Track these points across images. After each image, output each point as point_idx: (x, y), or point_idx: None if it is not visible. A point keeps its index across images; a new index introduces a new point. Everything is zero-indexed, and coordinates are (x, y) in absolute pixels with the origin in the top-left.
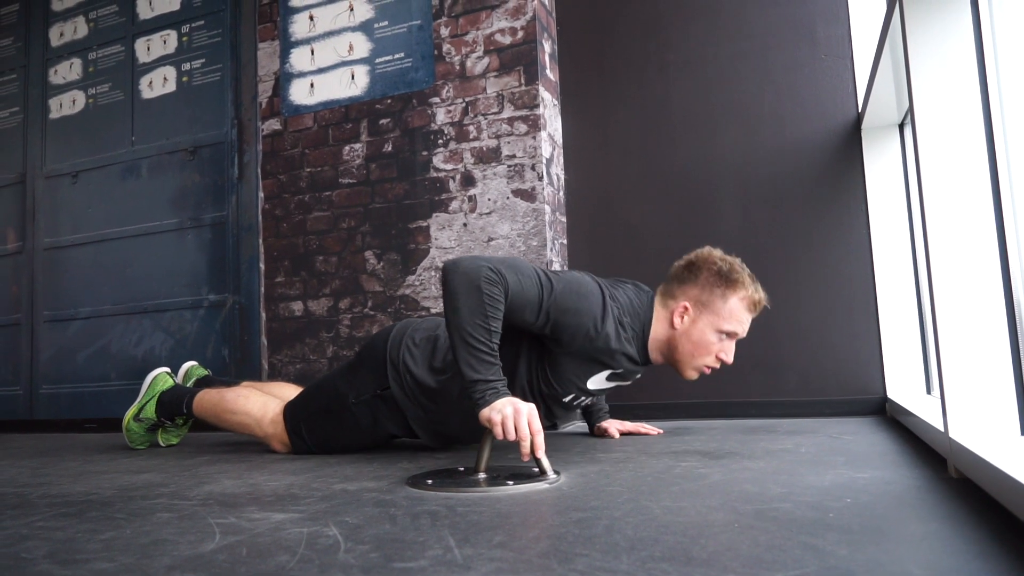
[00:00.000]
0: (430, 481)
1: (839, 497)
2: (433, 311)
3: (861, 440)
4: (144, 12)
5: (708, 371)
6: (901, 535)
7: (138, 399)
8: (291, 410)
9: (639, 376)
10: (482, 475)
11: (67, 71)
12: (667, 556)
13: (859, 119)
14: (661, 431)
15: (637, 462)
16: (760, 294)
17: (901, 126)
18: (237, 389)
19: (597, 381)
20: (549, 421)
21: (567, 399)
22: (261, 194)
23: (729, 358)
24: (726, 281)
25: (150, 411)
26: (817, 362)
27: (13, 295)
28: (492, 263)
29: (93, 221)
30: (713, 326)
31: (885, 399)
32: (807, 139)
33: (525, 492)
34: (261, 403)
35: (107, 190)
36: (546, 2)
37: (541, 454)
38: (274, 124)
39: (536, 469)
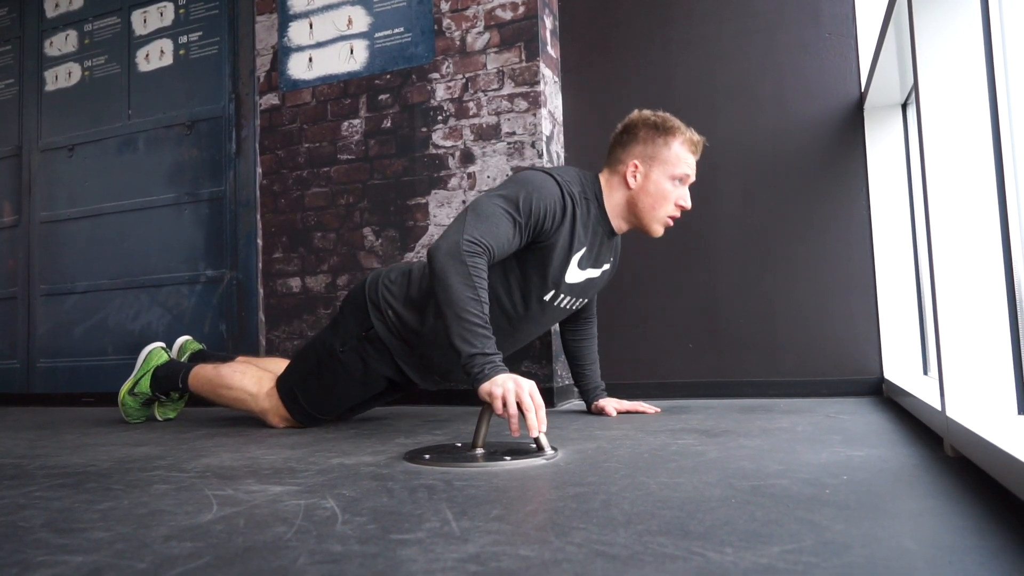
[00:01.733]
0: (427, 456)
1: (835, 474)
2: None
3: (858, 420)
4: None
5: (671, 222)
6: (897, 511)
7: (133, 373)
8: (283, 380)
9: (611, 266)
10: (480, 451)
11: (63, 43)
12: (664, 530)
13: (862, 99)
14: (659, 410)
15: (634, 440)
16: (696, 135)
17: (904, 106)
18: (233, 364)
19: (574, 273)
20: (540, 330)
21: (547, 297)
22: (259, 169)
23: (687, 203)
24: (663, 130)
25: (145, 386)
26: (815, 342)
27: (10, 268)
28: (466, 231)
29: (90, 195)
30: (665, 174)
31: (882, 379)
32: (809, 119)
33: (523, 467)
34: (257, 378)
35: (104, 164)
36: None
37: (543, 430)
38: (272, 99)
39: (534, 445)
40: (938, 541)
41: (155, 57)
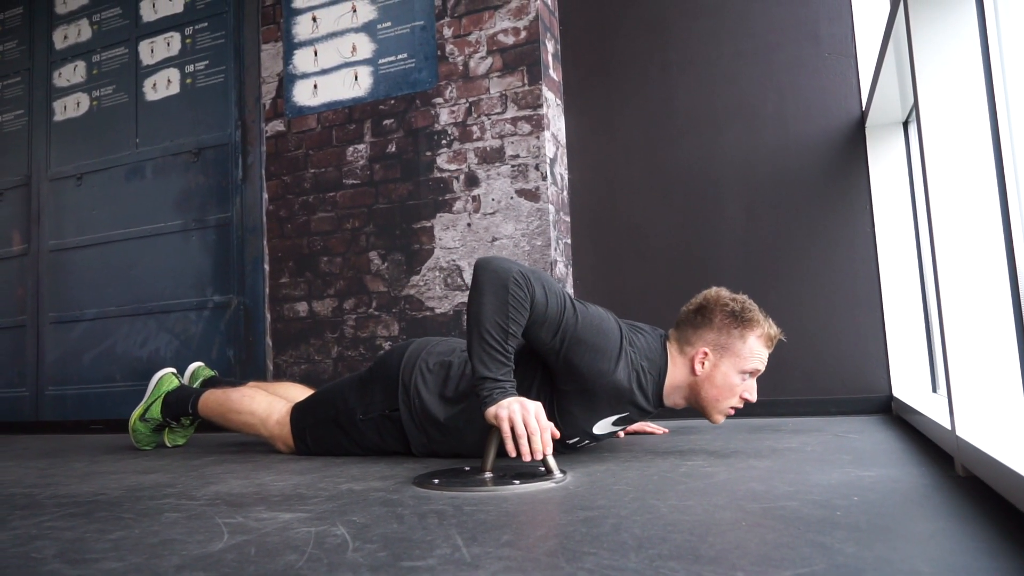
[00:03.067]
0: (436, 481)
1: (846, 495)
2: (438, 311)
3: (867, 439)
4: (148, 14)
5: (733, 412)
6: (909, 533)
7: (144, 399)
8: (298, 415)
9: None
10: (488, 474)
11: (71, 74)
12: (675, 554)
13: (863, 117)
14: (666, 430)
15: (643, 461)
16: (774, 328)
17: (905, 124)
18: (242, 389)
19: (603, 426)
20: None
21: (571, 441)
22: (265, 195)
23: (753, 396)
24: (741, 321)
25: (156, 412)
26: (822, 361)
27: (19, 297)
28: (524, 270)
29: (98, 223)
30: (735, 368)
31: (891, 397)
32: (811, 137)
33: (532, 491)
34: (266, 403)
35: (112, 192)
36: (548, 2)
37: (549, 451)
38: (278, 125)
39: (542, 468)
40: (951, 564)
41: (162, 86)
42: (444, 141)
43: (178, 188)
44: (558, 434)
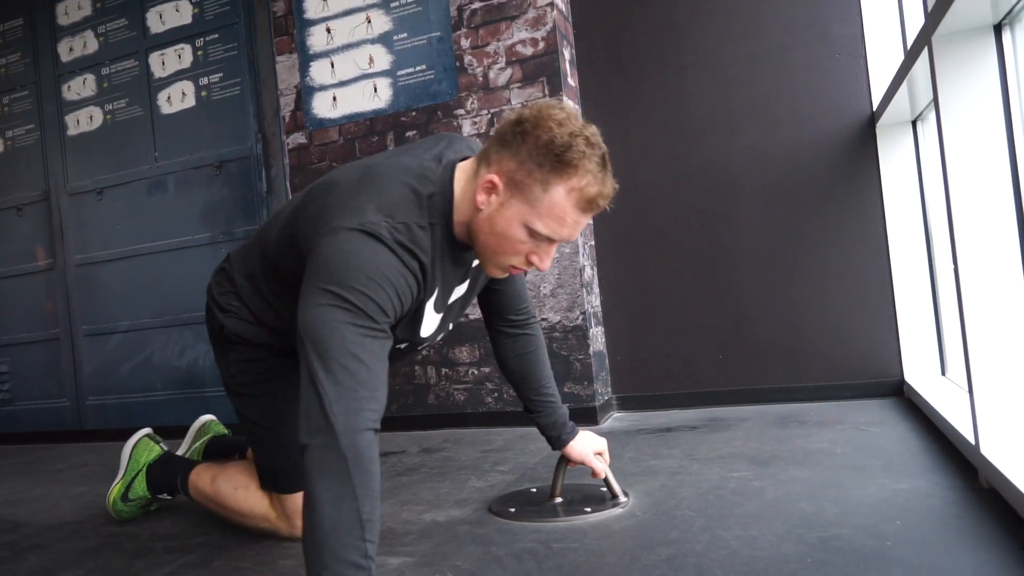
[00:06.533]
0: (513, 510)
1: (889, 518)
2: (472, 316)
3: (888, 434)
4: (155, 26)
5: (516, 272)
6: (957, 567)
7: (120, 474)
8: (260, 477)
9: (471, 281)
10: (559, 499)
11: (81, 87)
12: None
13: (873, 116)
14: (601, 473)
15: (691, 473)
16: (600, 187)
17: (914, 123)
18: (233, 474)
19: (429, 323)
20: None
21: (401, 346)
22: None
23: (543, 264)
24: (555, 161)
25: (140, 488)
26: (838, 348)
27: (49, 311)
28: (328, 405)
29: (123, 237)
30: (521, 218)
31: (902, 381)
32: (824, 136)
33: (605, 520)
34: (263, 494)
35: (134, 206)
36: (564, 9)
37: (610, 476)
38: (299, 138)
39: (603, 488)
40: None
41: (177, 99)
42: None
43: (202, 201)
44: None
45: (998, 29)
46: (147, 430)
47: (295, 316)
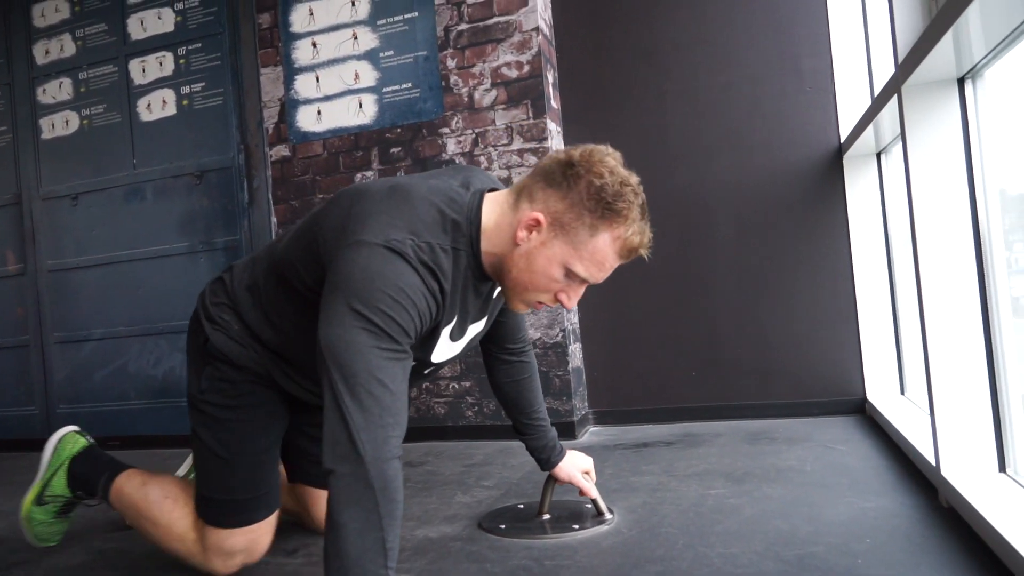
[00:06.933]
0: (503, 526)
1: (859, 536)
2: None
3: (852, 452)
4: (136, 32)
5: (539, 308)
6: None
7: (39, 476)
8: (196, 503)
9: (489, 317)
10: (546, 516)
11: (56, 90)
12: None
13: (841, 147)
14: (591, 494)
15: (671, 491)
16: (642, 237)
17: (878, 155)
18: (167, 483)
19: (442, 350)
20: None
21: (427, 371)
22: (274, 219)
23: (570, 304)
24: (606, 208)
25: (59, 486)
26: (805, 367)
27: (19, 316)
28: (357, 435)
29: (98, 244)
30: (563, 260)
31: (864, 400)
32: (794, 165)
33: (593, 537)
34: (192, 508)
35: (111, 213)
36: (548, 34)
37: (596, 495)
38: (282, 150)
39: (589, 506)
40: None
41: (157, 107)
42: None
43: (181, 210)
44: None
45: (961, 82)
46: (74, 427)
47: (294, 333)
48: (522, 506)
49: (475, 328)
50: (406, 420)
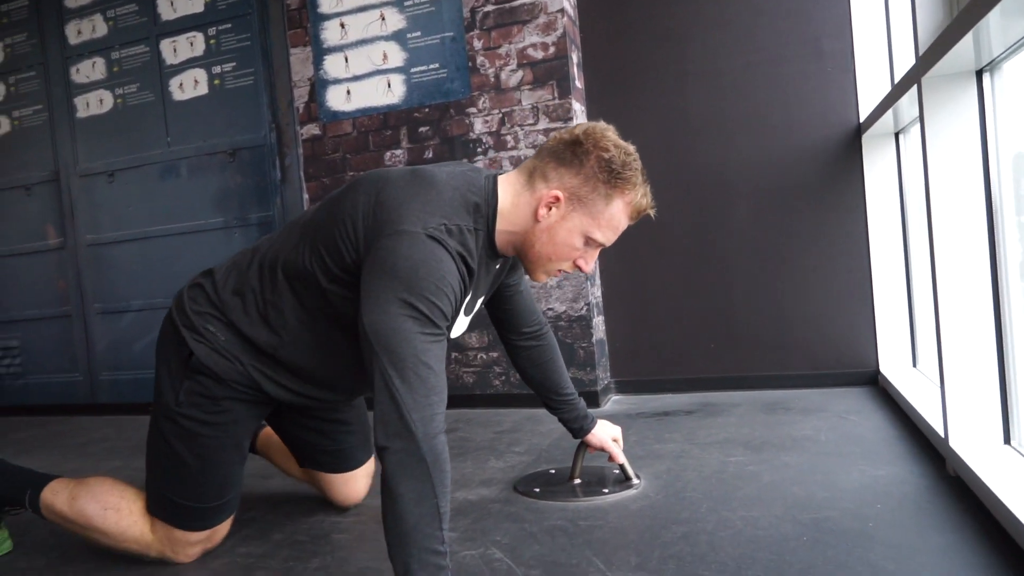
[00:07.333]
0: (537, 490)
1: (870, 502)
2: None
3: (865, 423)
4: (166, 13)
5: (559, 275)
6: (929, 547)
7: None
8: (148, 495)
9: (490, 289)
10: (578, 481)
11: (90, 70)
12: (767, 574)
13: (860, 127)
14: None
15: (693, 458)
16: (648, 198)
17: (896, 135)
18: (99, 493)
19: (459, 325)
20: None
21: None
22: (306, 195)
23: (588, 267)
24: (615, 178)
25: None
26: (820, 340)
27: (61, 289)
28: (408, 414)
29: (135, 219)
30: (583, 228)
31: (878, 372)
32: (813, 144)
33: (622, 501)
34: (138, 512)
35: (147, 189)
36: (572, 14)
37: (625, 461)
38: (313, 129)
39: (617, 471)
40: None
41: (189, 86)
42: (479, 149)
43: (216, 187)
44: None
45: (979, 74)
46: None
47: (296, 332)
48: (553, 471)
49: (479, 302)
50: (446, 394)
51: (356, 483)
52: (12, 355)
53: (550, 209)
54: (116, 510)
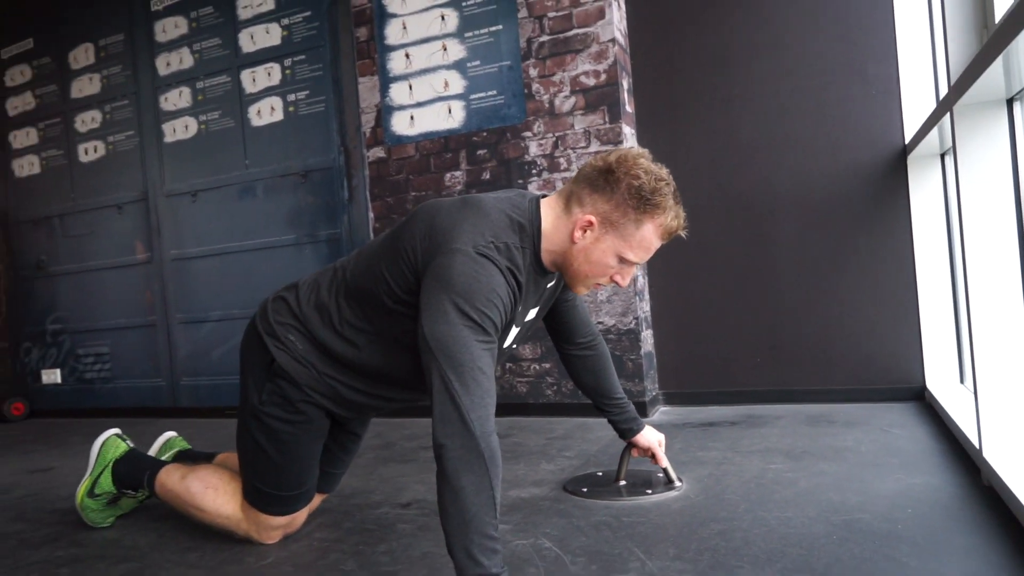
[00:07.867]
0: (585, 490)
1: (902, 507)
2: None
3: (907, 436)
4: (247, 46)
5: (599, 288)
6: (954, 546)
7: (88, 471)
8: (244, 483)
9: (543, 304)
10: (623, 482)
11: (177, 98)
12: (797, 568)
13: (905, 148)
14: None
15: (734, 464)
16: (679, 220)
17: (943, 156)
18: (203, 473)
19: (509, 336)
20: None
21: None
22: (371, 214)
23: (624, 282)
24: (644, 204)
25: (106, 484)
26: (866, 356)
27: (148, 300)
28: (466, 413)
29: (214, 236)
30: (616, 249)
31: (924, 388)
32: (859, 164)
33: (666, 501)
34: (232, 492)
35: (225, 208)
36: (623, 43)
37: (668, 464)
38: (378, 152)
39: (661, 474)
40: None
41: (266, 113)
42: (534, 171)
43: (289, 206)
44: None
45: (1010, 102)
46: (115, 430)
47: (368, 346)
48: (600, 473)
49: (531, 314)
50: (496, 396)
51: (306, 511)
52: (103, 361)
53: (585, 232)
54: (215, 489)
